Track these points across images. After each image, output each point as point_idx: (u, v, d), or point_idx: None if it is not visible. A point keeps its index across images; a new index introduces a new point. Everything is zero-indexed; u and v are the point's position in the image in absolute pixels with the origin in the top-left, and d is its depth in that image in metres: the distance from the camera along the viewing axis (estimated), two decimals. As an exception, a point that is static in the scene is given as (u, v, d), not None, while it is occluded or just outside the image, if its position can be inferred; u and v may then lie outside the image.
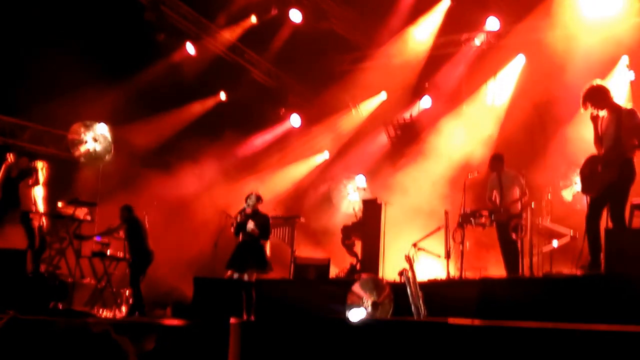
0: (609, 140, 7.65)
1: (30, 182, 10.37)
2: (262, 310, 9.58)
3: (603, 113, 7.76)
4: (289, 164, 15.85)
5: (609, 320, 6.16)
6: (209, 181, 14.15)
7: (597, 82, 7.87)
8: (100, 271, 11.09)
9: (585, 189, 7.99)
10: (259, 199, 9.99)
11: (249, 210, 9.86)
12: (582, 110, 7.86)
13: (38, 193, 10.59)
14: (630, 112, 7.72)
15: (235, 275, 9.72)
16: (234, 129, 15.34)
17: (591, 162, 7.84)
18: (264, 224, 9.83)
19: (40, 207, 10.50)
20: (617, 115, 7.67)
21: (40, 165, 10.55)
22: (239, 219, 9.92)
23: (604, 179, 7.59)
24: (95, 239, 11.23)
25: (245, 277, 9.64)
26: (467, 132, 13.76)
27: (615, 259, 7.28)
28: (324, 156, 16.35)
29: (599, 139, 7.79)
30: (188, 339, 8.26)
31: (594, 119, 7.77)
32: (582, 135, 9.05)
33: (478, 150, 12.94)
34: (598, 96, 7.71)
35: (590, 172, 7.80)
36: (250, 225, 9.58)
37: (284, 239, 12.14)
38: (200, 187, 14.01)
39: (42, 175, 10.47)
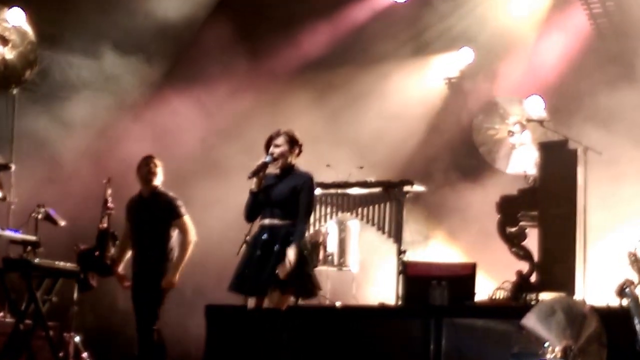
0: None
1: None
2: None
3: None
4: (388, 79, 15.94)
5: None
6: (223, 120, 15.02)
7: None
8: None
9: None
10: (292, 143, 9.88)
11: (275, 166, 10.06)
12: None
13: None
14: None
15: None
16: (266, 17, 16.05)
17: None
18: (304, 198, 9.84)
19: None
20: None
21: None
22: (254, 186, 9.93)
23: None
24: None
25: (266, 302, 9.76)
26: None
27: None
28: (459, 58, 16.34)
29: None
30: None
31: None
32: None
33: None
34: None
35: None
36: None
37: (381, 227, 12.41)
38: (206, 132, 14.83)
39: None
